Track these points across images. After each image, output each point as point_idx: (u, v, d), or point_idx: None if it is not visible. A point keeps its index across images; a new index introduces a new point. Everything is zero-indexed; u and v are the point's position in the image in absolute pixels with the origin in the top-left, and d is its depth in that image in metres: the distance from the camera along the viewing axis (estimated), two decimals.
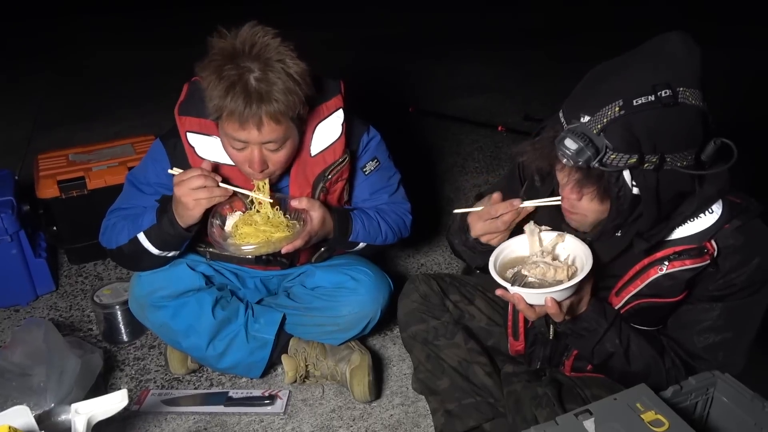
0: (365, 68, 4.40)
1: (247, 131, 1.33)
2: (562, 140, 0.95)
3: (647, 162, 0.94)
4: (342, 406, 1.66)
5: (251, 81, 1.29)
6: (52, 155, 2.35)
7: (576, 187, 1.03)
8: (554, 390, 1.27)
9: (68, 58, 5.08)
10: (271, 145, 1.38)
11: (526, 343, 1.36)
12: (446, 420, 1.34)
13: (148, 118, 3.59)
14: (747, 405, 1.05)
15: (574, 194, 1.04)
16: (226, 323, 1.61)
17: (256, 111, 1.29)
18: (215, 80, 1.30)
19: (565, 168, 1.03)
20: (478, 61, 4.74)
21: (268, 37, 1.31)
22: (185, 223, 1.43)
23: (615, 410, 1.00)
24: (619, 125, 0.93)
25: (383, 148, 1.67)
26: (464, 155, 3.21)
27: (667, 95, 0.92)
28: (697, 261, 1.07)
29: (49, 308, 2.11)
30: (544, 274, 1.09)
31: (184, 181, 1.38)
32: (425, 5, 6.50)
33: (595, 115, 0.94)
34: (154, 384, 1.77)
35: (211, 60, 1.32)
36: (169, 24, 6.06)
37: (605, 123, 0.93)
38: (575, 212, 1.09)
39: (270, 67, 1.29)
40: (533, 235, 1.15)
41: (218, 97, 1.30)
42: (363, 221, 1.59)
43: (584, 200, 1.05)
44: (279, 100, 1.30)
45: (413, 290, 1.47)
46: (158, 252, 1.50)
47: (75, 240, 2.27)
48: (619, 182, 0.97)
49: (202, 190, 1.38)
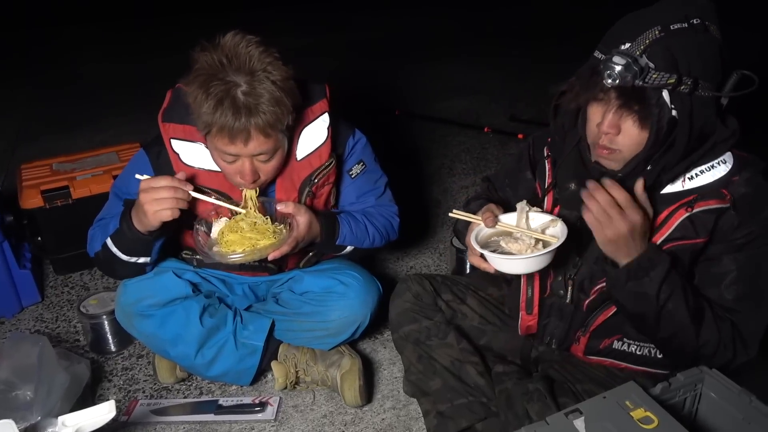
0: (349, 73, 4.41)
1: (237, 145, 1.33)
2: (609, 59, 1.01)
3: (684, 84, 1.01)
4: (333, 412, 1.66)
5: (239, 95, 1.27)
6: (36, 165, 2.33)
7: (616, 117, 1.07)
8: (546, 385, 1.27)
9: (51, 68, 5.05)
10: (262, 157, 1.38)
11: (541, 316, 1.35)
12: (439, 421, 1.34)
13: (132, 126, 3.56)
14: (735, 400, 1.06)
15: (614, 128, 1.08)
16: (214, 331, 1.60)
17: (245, 125, 1.28)
18: (202, 96, 1.28)
19: (602, 102, 1.08)
20: (462, 64, 4.76)
21: (251, 47, 1.31)
22: (143, 229, 1.41)
23: (605, 408, 1.00)
24: (660, 46, 1.01)
25: (369, 151, 1.67)
26: (451, 157, 3.22)
27: (699, 23, 1.02)
28: (720, 202, 1.11)
29: (35, 320, 2.08)
30: (520, 251, 1.15)
31: (152, 189, 1.35)
32: (406, 9, 6.53)
33: (636, 39, 1.02)
34: (143, 394, 1.75)
35: (197, 75, 1.30)
36: (152, 33, 6.04)
37: (647, 44, 1.01)
38: (612, 148, 1.11)
39: (256, 78, 1.28)
40: (522, 213, 1.20)
41: (207, 113, 1.29)
42: (350, 224, 1.59)
43: (622, 134, 1.09)
44: (267, 112, 1.29)
45: (405, 290, 1.47)
46: (126, 258, 1.48)
47: (60, 250, 2.25)
48: (660, 102, 1.03)
49: (166, 201, 1.35)
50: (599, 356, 1.33)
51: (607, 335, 1.29)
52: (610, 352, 1.31)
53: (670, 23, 1.01)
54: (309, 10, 6.51)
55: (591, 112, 1.13)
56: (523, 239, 1.19)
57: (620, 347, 1.30)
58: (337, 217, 1.58)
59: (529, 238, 1.19)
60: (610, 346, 1.30)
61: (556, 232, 1.20)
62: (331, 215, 1.58)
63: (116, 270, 1.55)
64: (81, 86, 4.57)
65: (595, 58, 1.08)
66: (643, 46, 1.01)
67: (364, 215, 1.64)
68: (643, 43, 1.01)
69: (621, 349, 1.30)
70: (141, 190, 1.36)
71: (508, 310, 1.45)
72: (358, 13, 6.42)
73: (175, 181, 1.37)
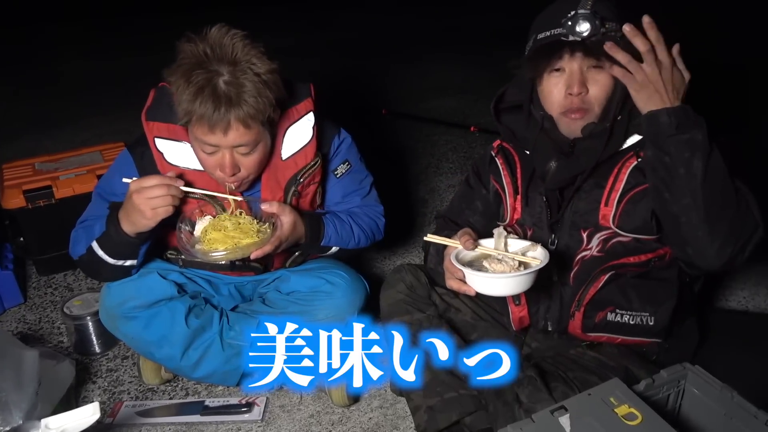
0: (334, 72, 4.40)
1: (216, 135, 1.32)
2: (573, 17, 1.13)
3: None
4: (320, 411, 1.65)
5: (220, 84, 1.28)
6: (17, 164, 2.30)
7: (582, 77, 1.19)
8: (537, 371, 1.28)
9: (31, 67, 4.99)
10: (242, 149, 1.37)
11: (530, 304, 1.37)
12: (429, 416, 1.33)
13: (116, 126, 3.53)
14: (717, 396, 1.08)
15: (584, 87, 1.19)
16: (200, 332, 1.58)
17: (225, 115, 1.28)
18: (184, 84, 1.29)
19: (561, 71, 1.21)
20: (448, 63, 4.77)
21: (236, 40, 1.31)
22: (135, 231, 1.40)
23: (589, 405, 1.01)
24: (603, 4, 1.15)
25: (354, 150, 1.67)
26: (438, 156, 3.23)
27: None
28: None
29: (18, 321, 2.05)
30: (504, 272, 1.16)
31: (144, 189, 1.35)
32: (392, 8, 6.52)
33: (579, 3, 1.14)
34: (128, 395, 1.73)
35: (180, 65, 1.30)
36: (133, 32, 5.99)
37: (591, 3, 1.13)
38: (584, 108, 1.21)
39: (239, 69, 1.29)
40: (500, 238, 1.21)
41: (187, 101, 1.29)
42: (335, 225, 1.58)
43: (592, 88, 1.20)
44: (248, 103, 1.29)
45: (398, 281, 1.47)
46: (113, 261, 1.47)
47: (43, 251, 2.22)
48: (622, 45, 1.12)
49: (162, 198, 1.35)
50: (597, 332, 1.34)
51: (600, 308, 1.32)
52: (606, 326, 1.33)
53: None
54: (293, 8, 6.49)
55: (549, 86, 1.24)
56: (506, 261, 1.20)
57: (614, 319, 1.32)
58: (322, 218, 1.58)
59: (512, 260, 1.20)
60: (605, 318, 1.32)
61: (536, 255, 1.22)
62: (316, 216, 1.57)
63: (101, 273, 1.54)
64: (62, 85, 4.52)
65: (545, 36, 1.19)
66: (589, 5, 1.13)
67: (349, 216, 1.64)
68: (587, 3, 1.13)
69: (615, 320, 1.32)
70: (132, 192, 1.35)
71: (498, 307, 1.46)
72: (343, 12, 6.40)
73: (165, 178, 1.37)
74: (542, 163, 1.30)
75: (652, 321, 1.31)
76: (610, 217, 1.27)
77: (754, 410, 1.02)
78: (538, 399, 1.18)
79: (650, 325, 1.32)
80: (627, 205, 1.25)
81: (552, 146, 1.29)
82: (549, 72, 1.24)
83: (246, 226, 1.44)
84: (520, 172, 1.39)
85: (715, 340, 1.58)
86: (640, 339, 1.34)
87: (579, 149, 1.26)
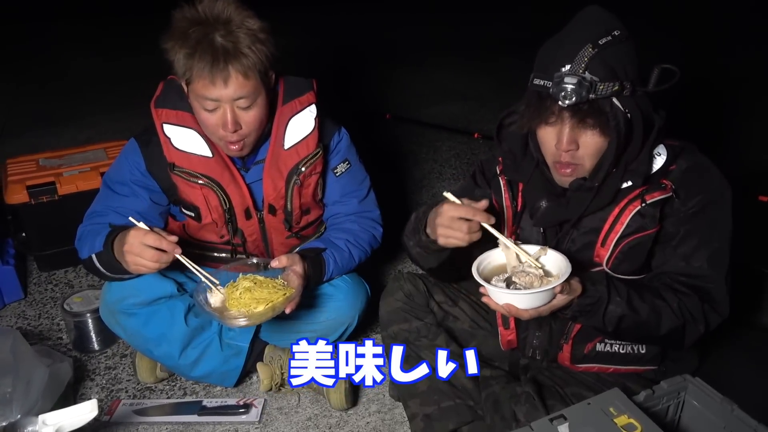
0: (339, 76, 4.40)
1: (217, 87, 1.36)
2: (561, 82, 1.08)
3: (626, 88, 1.11)
4: (318, 414, 1.65)
5: (217, 38, 1.34)
6: (21, 160, 2.30)
7: (572, 134, 1.14)
8: (534, 387, 1.28)
9: (36, 64, 4.99)
10: (241, 102, 1.40)
11: (519, 329, 1.36)
12: (425, 424, 1.34)
13: (119, 124, 3.53)
14: (717, 408, 1.08)
15: (573, 145, 1.15)
16: (199, 331, 1.59)
17: (224, 66, 1.34)
18: (181, 43, 1.35)
19: (554, 124, 1.15)
20: (453, 69, 4.78)
21: (229, 5, 1.37)
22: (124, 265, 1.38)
23: (589, 415, 1.01)
24: (598, 60, 1.09)
25: (354, 150, 1.69)
26: (441, 162, 3.23)
27: (619, 33, 1.12)
28: (664, 192, 1.19)
29: (17, 317, 2.05)
30: (532, 283, 1.12)
31: (139, 245, 1.31)
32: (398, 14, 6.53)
33: (575, 60, 1.09)
34: (126, 394, 1.73)
35: (176, 28, 1.36)
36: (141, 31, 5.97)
37: (586, 62, 1.08)
38: (574, 163, 1.18)
39: (233, 25, 1.35)
40: (507, 248, 1.18)
41: (186, 56, 1.35)
42: (335, 257, 1.59)
43: (581, 147, 1.16)
44: (246, 54, 1.35)
45: (397, 289, 1.47)
46: (111, 274, 1.47)
47: (45, 247, 2.22)
48: (614, 109, 1.11)
49: (148, 262, 1.32)
50: (586, 363, 1.33)
51: (588, 339, 1.31)
52: (596, 356, 1.32)
53: (598, 39, 1.10)
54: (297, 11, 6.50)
55: (544, 136, 1.19)
56: (533, 272, 1.15)
57: (604, 349, 1.31)
58: (323, 255, 1.57)
59: (536, 269, 1.15)
60: (594, 349, 1.31)
61: (555, 260, 1.17)
62: (317, 258, 1.56)
63: (101, 278, 1.55)
64: (67, 82, 4.52)
65: (539, 85, 1.13)
66: (583, 64, 1.08)
67: (347, 240, 1.63)
68: (582, 62, 1.09)
69: (605, 350, 1.31)
70: (130, 239, 1.32)
71: (490, 325, 1.47)
72: (348, 16, 6.41)
73: (164, 242, 1.32)
74: (533, 200, 1.29)
75: (644, 349, 1.31)
76: (605, 258, 1.24)
77: (754, 424, 1.02)
78: (534, 418, 1.17)
79: (641, 353, 1.31)
80: (623, 248, 1.22)
81: (545, 185, 1.27)
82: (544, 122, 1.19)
83: (264, 281, 1.40)
84: (521, 199, 1.34)
85: (718, 353, 1.57)
86: (633, 368, 1.33)
87: (569, 197, 1.24)
